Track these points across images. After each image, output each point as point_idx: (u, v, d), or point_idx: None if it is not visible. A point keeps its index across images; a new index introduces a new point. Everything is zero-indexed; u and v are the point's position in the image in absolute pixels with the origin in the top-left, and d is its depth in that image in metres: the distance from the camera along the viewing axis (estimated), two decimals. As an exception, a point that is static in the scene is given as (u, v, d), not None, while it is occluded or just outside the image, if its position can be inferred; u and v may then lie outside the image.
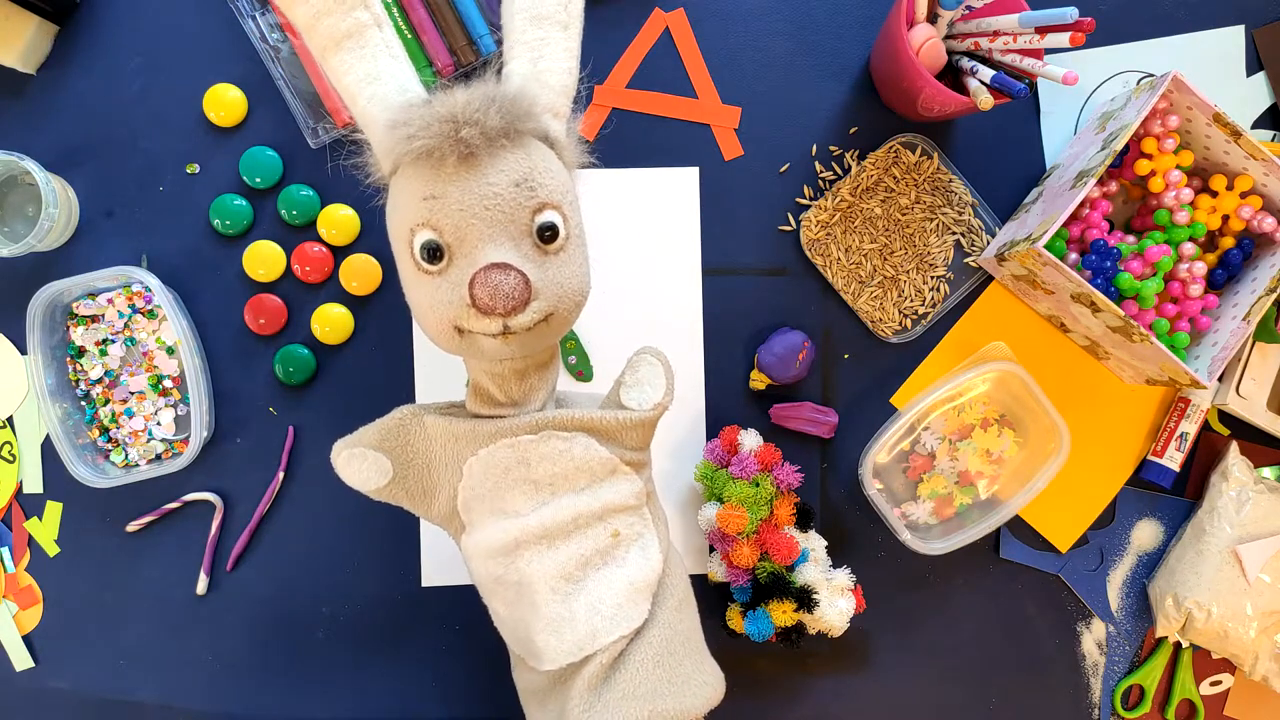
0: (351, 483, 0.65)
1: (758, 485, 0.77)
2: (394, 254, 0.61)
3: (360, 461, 0.64)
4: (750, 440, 0.80)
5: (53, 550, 0.81)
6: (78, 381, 0.80)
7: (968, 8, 0.76)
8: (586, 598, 0.63)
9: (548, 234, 0.58)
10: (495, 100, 0.56)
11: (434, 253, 0.57)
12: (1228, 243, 0.80)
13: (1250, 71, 0.87)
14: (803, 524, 0.79)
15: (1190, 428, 0.84)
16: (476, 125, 0.55)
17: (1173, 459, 0.84)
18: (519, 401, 0.64)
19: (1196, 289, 0.78)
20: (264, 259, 0.81)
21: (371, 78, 0.60)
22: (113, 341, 0.80)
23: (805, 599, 0.75)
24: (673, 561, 0.68)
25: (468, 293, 0.55)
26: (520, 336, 0.58)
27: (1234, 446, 0.85)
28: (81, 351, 0.80)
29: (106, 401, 0.80)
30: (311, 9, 0.59)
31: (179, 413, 0.80)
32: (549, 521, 0.63)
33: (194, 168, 0.82)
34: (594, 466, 0.64)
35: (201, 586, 0.81)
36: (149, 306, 0.80)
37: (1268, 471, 0.85)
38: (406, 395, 0.82)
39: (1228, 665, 0.86)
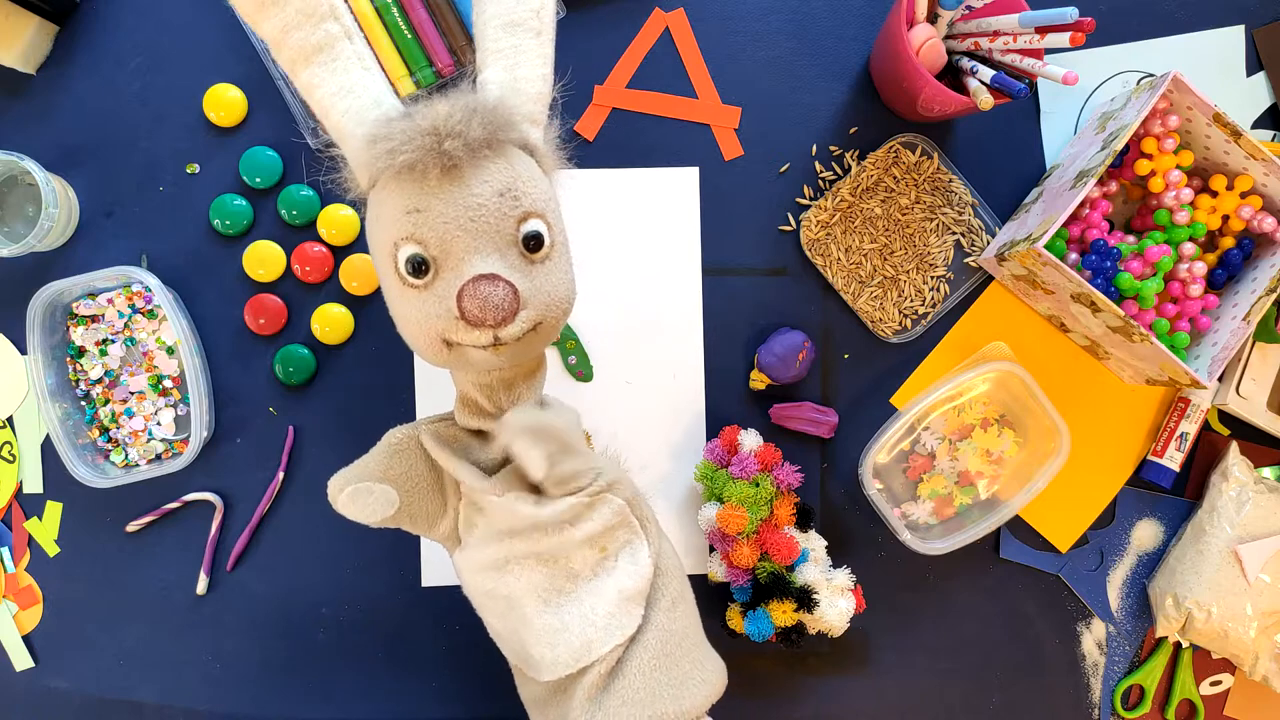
0: (357, 519, 0.62)
1: (758, 485, 0.77)
2: (376, 268, 0.60)
3: (366, 497, 0.62)
4: (750, 440, 0.80)
5: (53, 550, 0.81)
6: (78, 381, 0.80)
7: (968, 8, 0.76)
8: (578, 608, 0.63)
9: (533, 243, 0.57)
10: (477, 111, 0.55)
11: (419, 267, 0.56)
12: (1228, 243, 0.80)
13: (1250, 71, 0.87)
14: (803, 524, 0.79)
15: (1190, 428, 0.84)
16: (459, 137, 0.54)
17: (1173, 459, 0.84)
18: (507, 410, 0.64)
19: (1196, 289, 0.78)
20: (264, 259, 0.81)
21: (345, 91, 0.58)
22: (113, 341, 0.80)
23: (805, 599, 0.75)
24: (665, 557, 0.67)
25: (456, 306, 0.55)
26: (510, 347, 0.58)
27: (1234, 446, 0.85)
28: (81, 351, 0.80)
29: (106, 401, 0.80)
30: (280, 23, 0.58)
31: (179, 413, 0.80)
32: (539, 543, 0.63)
33: (194, 168, 0.81)
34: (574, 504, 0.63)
35: (201, 586, 0.81)
36: (149, 306, 0.80)
37: (1268, 471, 0.85)
38: (406, 395, 0.82)
39: (1228, 665, 0.86)
